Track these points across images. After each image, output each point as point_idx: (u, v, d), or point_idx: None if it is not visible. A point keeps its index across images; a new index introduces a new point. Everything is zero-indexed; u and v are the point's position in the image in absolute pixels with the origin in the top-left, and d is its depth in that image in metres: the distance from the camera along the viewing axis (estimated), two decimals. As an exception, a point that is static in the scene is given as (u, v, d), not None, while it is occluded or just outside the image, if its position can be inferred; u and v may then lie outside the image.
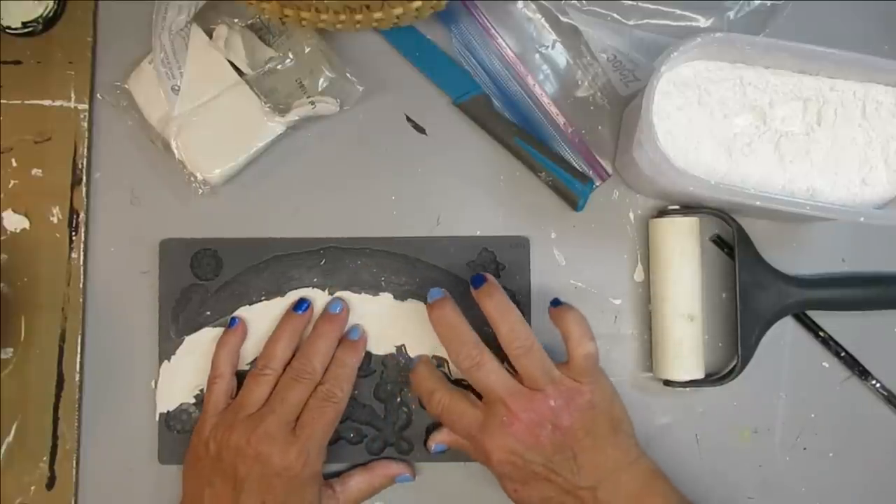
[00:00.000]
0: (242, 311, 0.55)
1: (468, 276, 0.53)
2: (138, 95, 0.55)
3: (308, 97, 0.54)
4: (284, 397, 0.50)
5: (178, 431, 0.54)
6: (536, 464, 0.48)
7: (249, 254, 0.55)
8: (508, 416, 0.48)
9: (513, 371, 0.50)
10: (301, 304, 0.54)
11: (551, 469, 0.48)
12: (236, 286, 0.55)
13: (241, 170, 0.55)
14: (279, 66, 0.54)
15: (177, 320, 0.55)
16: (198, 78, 0.54)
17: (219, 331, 0.54)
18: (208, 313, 0.55)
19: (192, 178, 0.54)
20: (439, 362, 0.55)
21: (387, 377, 0.55)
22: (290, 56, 0.54)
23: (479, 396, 0.50)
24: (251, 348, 0.54)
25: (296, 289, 0.55)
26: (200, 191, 0.54)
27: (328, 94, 0.54)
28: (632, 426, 0.51)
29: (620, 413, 0.51)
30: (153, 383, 0.55)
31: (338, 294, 0.55)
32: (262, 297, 0.55)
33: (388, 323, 0.55)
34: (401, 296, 0.55)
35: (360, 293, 0.55)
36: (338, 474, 0.54)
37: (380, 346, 0.55)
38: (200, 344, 0.54)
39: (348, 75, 0.55)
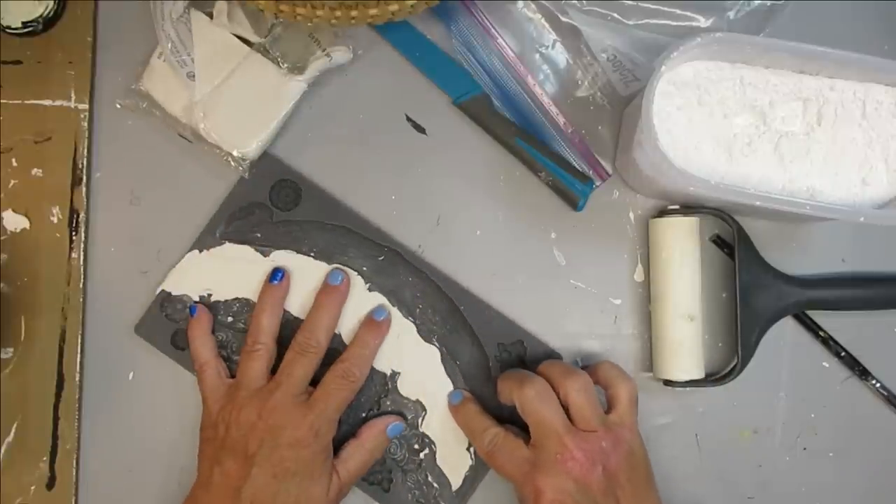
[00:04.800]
0: (286, 255, 0.54)
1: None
2: (156, 92, 0.54)
3: (323, 49, 0.54)
4: (291, 372, 0.50)
5: (166, 316, 0.54)
6: None
7: (327, 209, 0.55)
8: (563, 453, 0.47)
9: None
10: (276, 274, 0.53)
11: None
12: (297, 229, 0.55)
13: (275, 138, 0.55)
14: (286, 27, 0.54)
15: (229, 224, 0.55)
16: (209, 59, 0.53)
17: (257, 256, 0.54)
18: (258, 235, 0.55)
19: (230, 159, 0.54)
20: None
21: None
22: None
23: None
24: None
25: (344, 265, 0.55)
26: (241, 168, 0.54)
27: (340, 44, 0.54)
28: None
29: (650, 466, 0.50)
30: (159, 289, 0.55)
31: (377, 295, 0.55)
32: (311, 254, 0.55)
33: (397, 353, 0.54)
34: (426, 333, 0.55)
35: (394, 308, 0.55)
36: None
37: (381, 364, 0.55)
38: (233, 258, 0.54)
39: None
